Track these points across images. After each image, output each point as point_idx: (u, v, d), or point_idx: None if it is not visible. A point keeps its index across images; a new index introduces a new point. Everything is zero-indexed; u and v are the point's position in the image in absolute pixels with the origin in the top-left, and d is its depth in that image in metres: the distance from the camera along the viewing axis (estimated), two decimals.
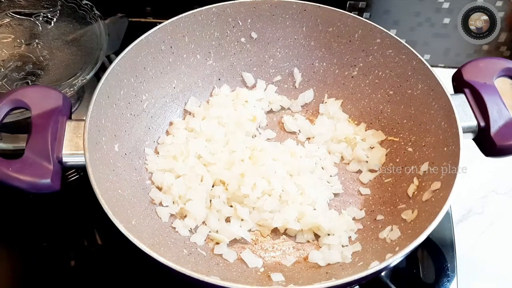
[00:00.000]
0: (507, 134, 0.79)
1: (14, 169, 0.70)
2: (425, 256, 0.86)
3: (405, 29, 1.17)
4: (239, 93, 0.98)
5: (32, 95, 0.76)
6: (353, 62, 0.96)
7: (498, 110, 0.80)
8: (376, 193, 0.89)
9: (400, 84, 0.91)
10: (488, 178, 0.99)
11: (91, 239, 0.90)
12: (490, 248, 0.90)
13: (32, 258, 0.85)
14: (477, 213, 0.95)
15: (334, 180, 0.90)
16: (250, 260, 0.79)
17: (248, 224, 0.83)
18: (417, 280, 0.83)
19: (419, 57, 0.86)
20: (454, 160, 0.75)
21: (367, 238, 0.82)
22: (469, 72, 0.84)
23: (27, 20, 0.99)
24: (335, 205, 0.88)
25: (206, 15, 0.93)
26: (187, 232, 0.82)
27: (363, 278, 0.65)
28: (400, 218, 0.81)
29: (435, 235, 0.86)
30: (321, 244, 0.82)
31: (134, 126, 0.88)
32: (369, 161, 0.91)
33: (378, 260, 0.72)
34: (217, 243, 0.81)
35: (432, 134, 0.84)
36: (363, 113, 0.97)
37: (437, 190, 0.76)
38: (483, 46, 1.17)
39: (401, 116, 0.91)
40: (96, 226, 0.89)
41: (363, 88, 0.96)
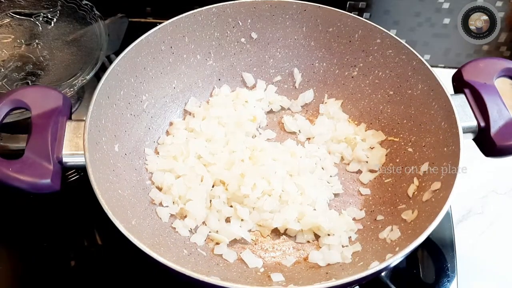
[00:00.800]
0: (507, 134, 0.79)
1: (14, 169, 0.70)
2: (425, 256, 0.86)
3: (405, 29, 1.17)
4: (239, 93, 0.98)
5: (32, 95, 0.76)
6: (353, 62, 0.96)
7: (498, 110, 0.80)
8: (376, 193, 0.89)
9: (400, 84, 0.91)
10: (488, 178, 0.99)
11: (91, 239, 0.90)
12: (490, 248, 0.90)
13: (32, 258, 0.85)
14: (477, 213, 0.95)
15: (334, 180, 0.90)
16: (250, 260, 0.79)
17: (248, 224, 0.83)
18: (417, 280, 0.83)
19: (419, 57, 0.86)
20: (454, 160, 0.75)
21: (367, 238, 0.82)
22: (469, 72, 0.84)
23: (27, 20, 0.99)
24: (335, 205, 0.88)
25: (206, 15, 0.93)
26: (187, 232, 0.82)
27: (363, 278, 0.65)
28: (400, 218, 0.81)
29: (435, 235, 0.86)
30: (321, 244, 0.82)
31: (134, 126, 0.88)
32: (369, 161, 0.91)
33: (378, 260, 0.72)
34: (217, 243, 0.81)
35: (432, 134, 0.84)
36: (363, 113, 0.97)
37: (437, 190, 0.76)
38: (483, 46, 1.17)
39: (401, 116, 0.91)
40: (96, 226, 0.89)
41: (363, 88, 0.96)
